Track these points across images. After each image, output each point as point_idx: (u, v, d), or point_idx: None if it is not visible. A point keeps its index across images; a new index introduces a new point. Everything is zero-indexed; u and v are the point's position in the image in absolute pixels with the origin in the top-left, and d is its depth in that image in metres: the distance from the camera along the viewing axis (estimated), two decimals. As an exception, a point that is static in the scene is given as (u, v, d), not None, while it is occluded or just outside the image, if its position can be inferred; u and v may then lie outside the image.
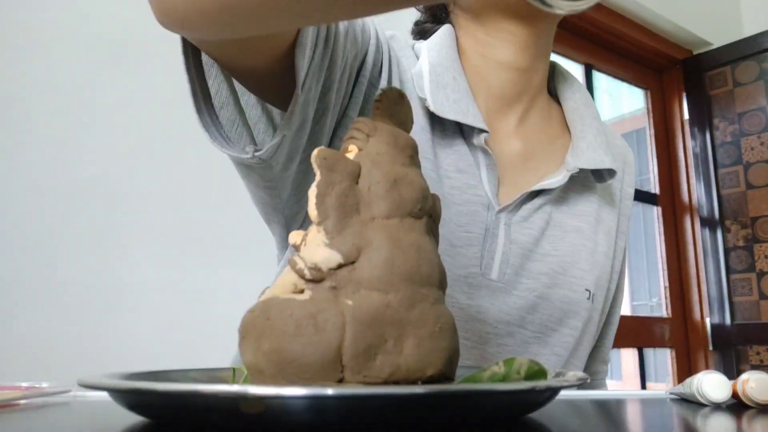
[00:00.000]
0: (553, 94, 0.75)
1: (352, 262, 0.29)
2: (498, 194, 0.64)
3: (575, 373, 0.34)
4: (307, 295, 0.29)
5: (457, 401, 0.25)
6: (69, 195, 1.15)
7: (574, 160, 0.66)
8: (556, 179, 0.65)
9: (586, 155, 0.67)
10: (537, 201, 0.65)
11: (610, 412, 0.39)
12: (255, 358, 0.28)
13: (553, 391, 0.29)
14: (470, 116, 0.62)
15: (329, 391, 0.23)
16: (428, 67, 0.64)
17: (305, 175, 0.59)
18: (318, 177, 0.31)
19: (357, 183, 0.32)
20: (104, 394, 0.50)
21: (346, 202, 0.30)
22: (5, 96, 1.14)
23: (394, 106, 0.37)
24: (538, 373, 0.33)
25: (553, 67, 0.75)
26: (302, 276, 0.29)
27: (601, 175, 0.68)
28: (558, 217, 0.67)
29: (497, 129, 0.67)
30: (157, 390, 0.26)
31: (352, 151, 0.33)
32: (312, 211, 0.30)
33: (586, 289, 0.66)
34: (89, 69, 1.22)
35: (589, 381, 0.65)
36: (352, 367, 0.28)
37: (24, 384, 0.47)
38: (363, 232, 0.30)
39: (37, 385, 0.47)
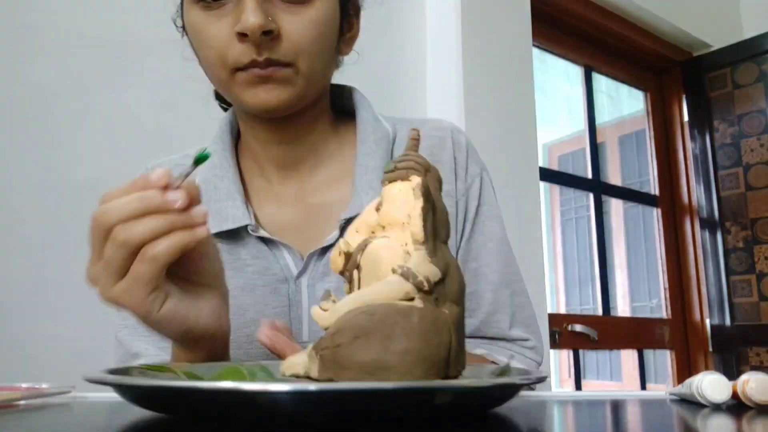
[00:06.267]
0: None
1: (443, 279, 0.35)
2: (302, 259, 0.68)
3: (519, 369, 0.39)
4: (419, 303, 0.33)
5: (423, 396, 0.28)
6: (69, 196, 1.15)
7: (346, 211, 0.67)
8: (333, 235, 0.67)
9: (353, 201, 0.67)
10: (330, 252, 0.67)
11: (610, 413, 0.39)
12: (383, 356, 0.31)
13: (515, 388, 0.33)
14: (229, 221, 0.67)
15: (312, 387, 0.27)
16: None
17: None
18: (421, 203, 0.35)
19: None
20: (103, 395, 0.49)
21: (435, 227, 0.36)
22: (5, 97, 1.14)
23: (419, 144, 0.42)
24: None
25: (350, 92, 0.77)
26: (421, 287, 0.33)
27: None
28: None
29: (285, 194, 0.72)
30: (158, 386, 0.27)
31: (413, 180, 0.37)
32: (419, 231, 0.35)
33: None
34: (89, 71, 1.22)
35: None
36: (454, 364, 0.34)
37: (24, 385, 0.47)
38: (444, 254, 0.36)
39: (36, 386, 0.47)
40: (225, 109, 0.79)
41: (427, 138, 0.73)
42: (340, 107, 0.77)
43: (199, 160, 0.45)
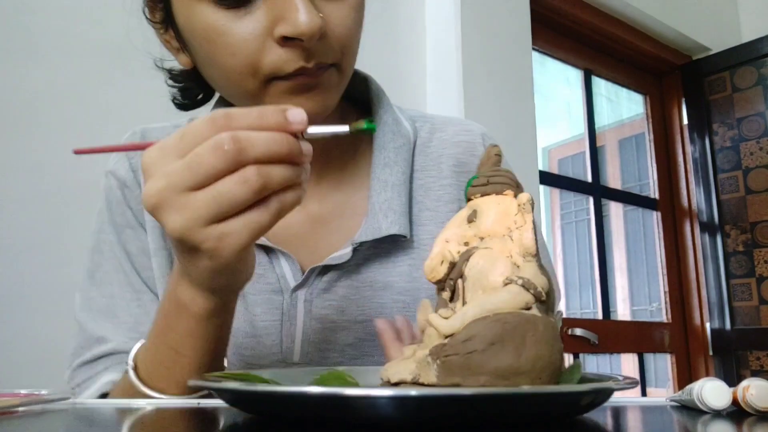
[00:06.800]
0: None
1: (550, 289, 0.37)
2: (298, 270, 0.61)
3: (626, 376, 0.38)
4: (537, 312, 0.35)
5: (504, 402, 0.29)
6: (70, 199, 1.15)
7: (361, 231, 0.60)
8: (343, 252, 0.60)
9: (369, 223, 0.60)
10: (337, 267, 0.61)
11: (610, 419, 0.39)
12: (517, 362, 0.33)
13: (606, 394, 0.34)
14: None
15: (413, 392, 0.28)
16: None
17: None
18: (532, 217, 0.37)
19: None
20: (102, 401, 0.49)
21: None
22: (7, 99, 1.14)
23: None
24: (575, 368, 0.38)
25: (365, 82, 0.68)
26: (539, 297, 0.35)
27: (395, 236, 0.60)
28: (368, 276, 0.61)
29: None
30: (271, 392, 0.30)
31: (524, 196, 0.38)
32: (533, 245, 0.36)
33: None
34: (88, 73, 1.23)
35: None
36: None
37: (23, 391, 0.47)
38: (543, 266, 0.37)
39: (36, 393, 0.47)
40: (184, 108, 0.71)
41: (454, 145, 0.68)
42: (350, 95, 0.67)
43: (365, 129, 0.40)
